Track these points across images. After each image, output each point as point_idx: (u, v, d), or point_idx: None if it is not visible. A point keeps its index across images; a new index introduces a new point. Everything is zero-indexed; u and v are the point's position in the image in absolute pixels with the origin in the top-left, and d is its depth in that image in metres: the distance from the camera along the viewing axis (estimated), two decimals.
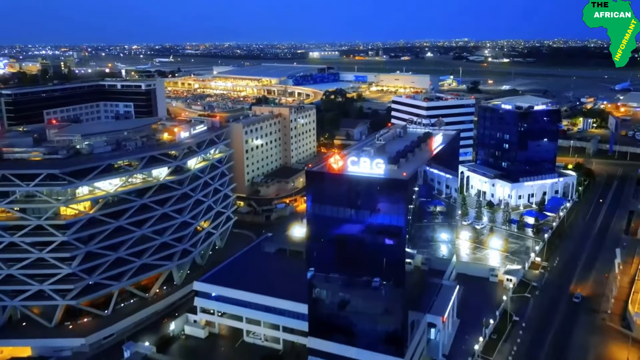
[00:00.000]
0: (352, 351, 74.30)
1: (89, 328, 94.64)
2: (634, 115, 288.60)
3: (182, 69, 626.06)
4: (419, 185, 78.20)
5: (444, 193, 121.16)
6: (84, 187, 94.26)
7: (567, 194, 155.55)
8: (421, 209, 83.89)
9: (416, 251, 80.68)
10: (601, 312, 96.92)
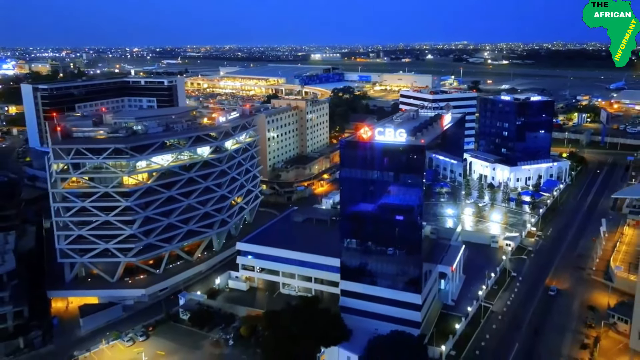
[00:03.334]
0: (376, 290, 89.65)
1: (145, 282, 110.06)
2: (627, 111, 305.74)
3: (190, 70, 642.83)
4: (428, 170, 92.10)
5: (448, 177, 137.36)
6: (143, 161, 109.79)
7: (561, 177, 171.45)
8: (430, 189, 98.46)
9: (426, 223, 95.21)
10: (587, 269, 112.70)
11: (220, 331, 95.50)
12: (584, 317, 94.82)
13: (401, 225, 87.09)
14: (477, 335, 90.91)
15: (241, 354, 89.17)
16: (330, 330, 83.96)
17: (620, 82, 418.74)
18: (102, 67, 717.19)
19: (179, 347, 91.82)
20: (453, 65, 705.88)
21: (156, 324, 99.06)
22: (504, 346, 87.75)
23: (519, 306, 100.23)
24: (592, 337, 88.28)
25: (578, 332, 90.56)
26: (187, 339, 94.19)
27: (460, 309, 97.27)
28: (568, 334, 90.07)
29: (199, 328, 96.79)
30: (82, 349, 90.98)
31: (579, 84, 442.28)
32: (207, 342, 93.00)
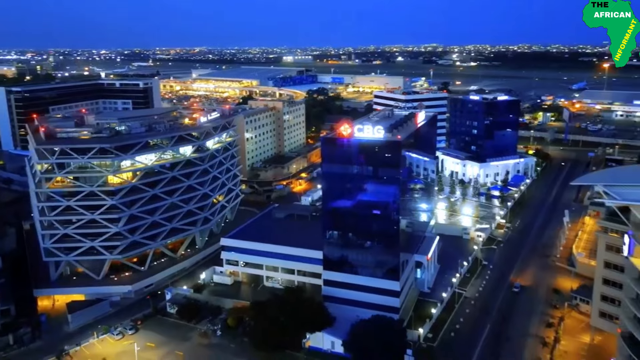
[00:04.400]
0: (358, 278, 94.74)
1: (131, 279, 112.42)
2: (588, 110, 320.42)
3: (161, 72, 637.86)
4: (403, 168, 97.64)
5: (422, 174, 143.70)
6: (127, 160, 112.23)
7: (527, 173, 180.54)
8: (405, 186, 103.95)
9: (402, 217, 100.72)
10: (552, 256, 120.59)
11: (207, 323, 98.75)
12: (550, 299, 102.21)
13: (380, 216, 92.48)
14: (452, 319, 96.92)
15: (229, 343, 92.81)
16: (314, 317, 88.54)
17: (582, 82, 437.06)
18: (71, 69, 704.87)
19: (168, 339, 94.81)
20: (423, 67, 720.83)
21: (144, 318, 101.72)
22: (477, 328, 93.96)
23: (490, 292, 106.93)
24: (557, 317, 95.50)
25: (544, 313, 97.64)
26: (176, 331, 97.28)
27: (435, 296, 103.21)
28: (535, 315, 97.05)
29: (187, 321, 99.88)
30: (72, 344, 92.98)
31: (544, 84, 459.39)
32: (196, 334, 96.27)
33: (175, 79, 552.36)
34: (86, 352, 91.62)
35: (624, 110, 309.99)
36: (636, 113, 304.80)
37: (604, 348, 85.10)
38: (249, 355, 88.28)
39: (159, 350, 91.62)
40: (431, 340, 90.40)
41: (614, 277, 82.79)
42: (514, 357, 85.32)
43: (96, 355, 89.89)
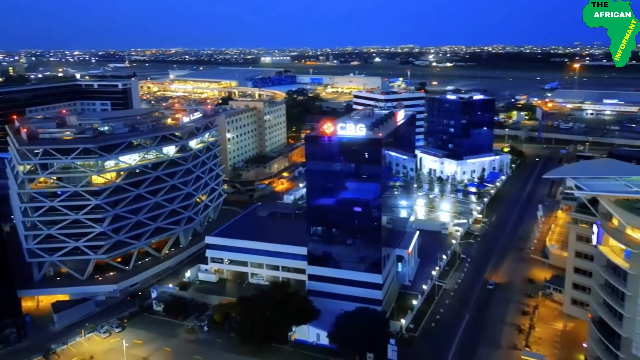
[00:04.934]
0: (341, 272, 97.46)
1: (116, 279, 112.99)
2: (560, 109, 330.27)
3: (138, 74, 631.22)
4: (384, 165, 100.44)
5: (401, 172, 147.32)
6: (111, 160, 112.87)
7: (502, 170, 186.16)
8: (385, 183, 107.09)
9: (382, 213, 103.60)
10: (526, 249, 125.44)
11: (194, 319, 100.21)
12: (525, 289, 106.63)
13: (363, 212, 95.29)
14: (432, 310, 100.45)
15: (216, 338, 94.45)
16: (300, 311, 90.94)
17: (554, 82, 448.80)
18: (44, 70, 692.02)
19: (155, 335, 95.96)
20: (400, 67, 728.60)
21: (130, 316, 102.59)
22: (456, 318, 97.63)
23: (468, 284, 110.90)
24: (532, 305, 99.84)
25: (520, 302, 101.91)
26: (163, 328, 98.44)
27: (416, 288, 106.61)
28: (511, 305, 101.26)
29: (174, 318, 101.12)
30: (58, 343, 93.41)
31: (518, 84, 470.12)
32: (182, 330, 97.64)
33: (152, 80, 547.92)
34: (73, 350, 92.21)
35: (594, 109, 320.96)
36: (605, 111, 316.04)
37: (576, 334, 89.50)
38: (236, 349, 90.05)
39: (147, 346, 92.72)
40: (413, 331, 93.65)
41: (585, 265, 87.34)
42: (491, 344, 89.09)
43: (84, 353, 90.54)
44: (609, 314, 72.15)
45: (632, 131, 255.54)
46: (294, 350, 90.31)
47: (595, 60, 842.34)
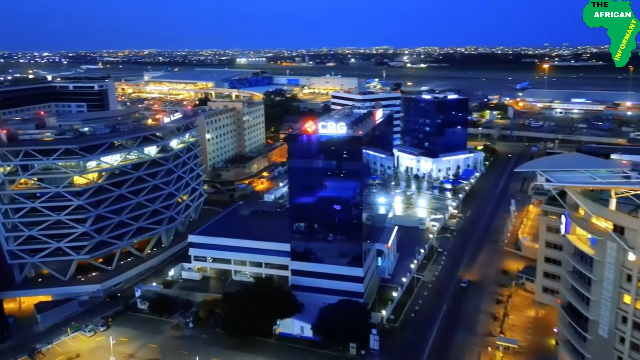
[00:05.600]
0: (324, 267, 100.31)
1: (99, 279, 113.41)
2: (531, 108, 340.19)
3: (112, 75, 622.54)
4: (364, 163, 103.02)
5: (379, 171, 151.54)
6: (93, 161, 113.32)
7: (476, 167, 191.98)
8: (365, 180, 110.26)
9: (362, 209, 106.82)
10: (500, 242, 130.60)
11: (179, 316, 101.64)
12: (499, 280, 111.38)
13: (344, 207, 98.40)
14: (412, 301, 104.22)
15: (201, 334, 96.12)
16: (284, 304, 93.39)
17: (525, 82, 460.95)
18: (14, 72, 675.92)
19: (140, 333, 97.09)
20: (375, 68, 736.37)
21: (115, 315, 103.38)
22: (434, 308, 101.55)
23: (445, 276, 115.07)
24: (506, 295, 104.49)
25: (494, 292, 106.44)
26: (148, 325, 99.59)
27: (396, 281, 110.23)
28: (486, 294, 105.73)
29: (158, 315, 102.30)
30: (43, 343, 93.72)
31: (490, 84, 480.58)
32: (168, 327, 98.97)
33: (126, 81, 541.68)
34: (59, 349, 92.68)
35: (563, 107, 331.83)
36: (573, 110, 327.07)
37: (547, 320, 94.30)
38: (221, 344, 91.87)
39: (132, 344, 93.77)
40: (393, 321, 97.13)
41: (554, 255, 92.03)
42: (468, 332, 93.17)
43: (69, 352, 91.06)
44: (577, 299, 76.67)
45: (598, 129, 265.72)
46: (278, 343, 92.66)
47: (563, 61, 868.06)
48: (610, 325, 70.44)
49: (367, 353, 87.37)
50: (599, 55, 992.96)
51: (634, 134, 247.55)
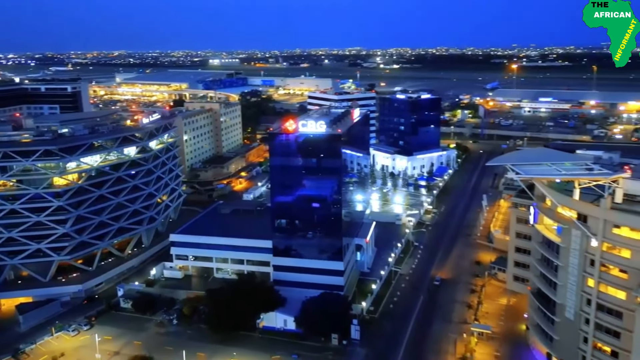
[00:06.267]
0: (305, 262, 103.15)
1: (80, 279, 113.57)
2: (501, 107, 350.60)
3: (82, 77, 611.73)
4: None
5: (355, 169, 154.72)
6: (73, 162, 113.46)
7: (449, 164, 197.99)
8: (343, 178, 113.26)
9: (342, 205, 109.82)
10: (473, 235, 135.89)
11: (163, 314, 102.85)
12: (473, 271, 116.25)
13: (324, 203, 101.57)
14: (390, 293, 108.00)
15: (186, 330, 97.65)
16: (267, 299, 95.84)
17: (495, 82, 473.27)
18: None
19: (124, 331, 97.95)
20: (349, 69, 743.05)
21: (98, 315, 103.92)
22: (412, 299, 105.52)
23: (422, 268, 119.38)
24: (479, 285, 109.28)
25: (469, 282, 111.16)
26: (131, 323, 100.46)
27: (375, 274, 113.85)
28: (461, 285, 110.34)
29: (142, 313, 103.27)
30: (26, 343, 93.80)
31: (461, 84, 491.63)
32: (152, 324, 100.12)
33: (98, 83, 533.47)
34: (42, 349, 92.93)
35: (531, 106, 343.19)
36: (541, 109, 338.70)
37: (518, 307, 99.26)
38: (206, 338, 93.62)
39: (117, 342, 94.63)
40: (373, 312, 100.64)
41: (524, 245, 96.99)
42: (444, 320, 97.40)
43: (54, 352, 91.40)
44: (546, 285, 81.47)
45: (564, 126, 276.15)
46: (262, 336, 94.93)
47: (531, 62, 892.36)
48: (576, 307, 75.24)
49: (348, 343, 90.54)
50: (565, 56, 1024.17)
51: (598, 131, 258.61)
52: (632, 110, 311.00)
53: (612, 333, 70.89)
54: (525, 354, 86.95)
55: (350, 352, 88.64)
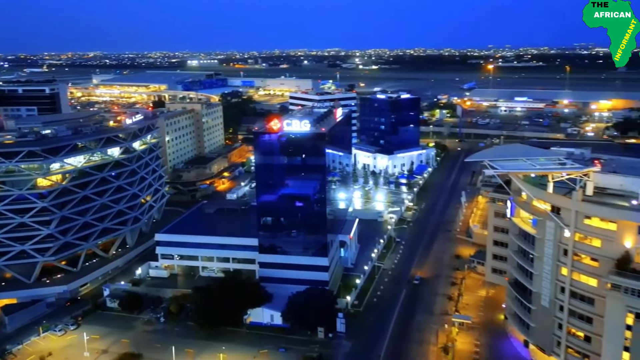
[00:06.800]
0: (291, 258, 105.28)
1: (65, 280, 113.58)
2: (478, 107, 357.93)
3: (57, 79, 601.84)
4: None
5: (337, 168, 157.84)
6: (56, 163, 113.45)
7: (429, 162, 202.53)
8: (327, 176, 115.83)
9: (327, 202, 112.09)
10: (453, 230, 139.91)
11: (150, 312, 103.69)
12: (453, 264, 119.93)
13: (309, 201, 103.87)
14: (374, 287, 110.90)
15: (173, 327, 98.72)
16: (254, 295, 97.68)
17: (472, 82, 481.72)
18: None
19: (112, 330, 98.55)
20: (328, 70, 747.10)
21: (84, 314, 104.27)
22: (395, 293, 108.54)
23: (404, 263, 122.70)
24: (459, 278, 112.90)
25: (449, 276, 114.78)
26: (119, 322, 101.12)
27: (358, 270, 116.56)
28: (442, 278, 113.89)
29: (129, 312, 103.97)
30: (13, 344, 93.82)
31: (439, 85, 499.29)
32: (139, 323, 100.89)
33: (74, 85, 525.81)
34: (30, 349, 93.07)
35: (507, 106, 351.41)
36: (517, 108, 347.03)
37: (496, 298, 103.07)
38: (194, 335, 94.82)
39: (105, 340, 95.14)
40: (357, 306, 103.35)
41: (502, 238, 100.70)
42: (426, 312, 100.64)
43: (41, 351, 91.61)
44: (522, 275, 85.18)
45: (539, 125, 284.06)
46: (249, 331, 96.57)
47: (507, 62, 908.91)
48: (551, 295, 79.02)
49: (334, 336, 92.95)
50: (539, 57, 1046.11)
51: (571, 129, 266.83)
52: (603, 109, 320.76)
53: (585, 319, 74.75)
54: (504, 342, 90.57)
55: (336, 345, 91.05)
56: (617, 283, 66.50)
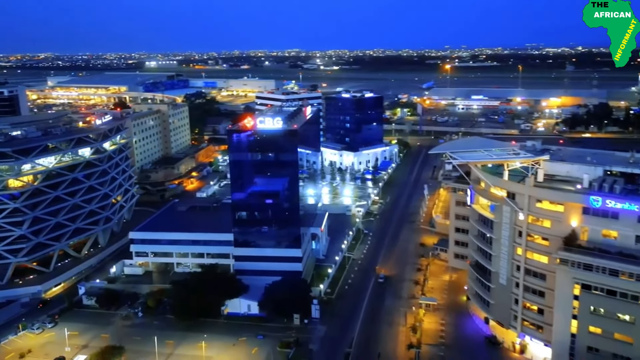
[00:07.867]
0: (266, 251, 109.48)
1: (38, 280, 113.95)
2: (437, 105, 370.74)
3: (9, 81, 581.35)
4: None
5: (305, 166, 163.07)
6: (27, 164, 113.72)
7: (392, 158, 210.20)
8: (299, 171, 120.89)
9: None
10: (417, 221, 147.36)
11: (127, 308, 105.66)
12: (418, 252, 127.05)
13: (283, 195, 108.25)
14: (345, 276, 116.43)
15: (152, 321, 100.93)
16: (230, 286, 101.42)
17: (430, 82, 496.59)
18: None
19: (90, 326, 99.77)
20: (290, 71, 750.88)
21: (61, 313, 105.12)
22: (365, 281, 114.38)
23: (372, 253, 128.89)
24: (425, 264, 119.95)
25: (415, 263, 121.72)
26: (97, 318, 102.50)
27: (330, 260, 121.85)
28: (408, 265, 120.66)
29: (106, 309, 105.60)
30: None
31: (399, 84, 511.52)
32: (117, 318, 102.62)
33: (28, 87, 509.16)
34: (8, 348, 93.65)
35: (464, 104, 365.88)
36: (473, 106, 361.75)
37: (459, 282, 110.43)
38: (172, 327, 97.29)
39: (84, 336, 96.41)
40: (330, 294, 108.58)
41: (463, 225, 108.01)
42: (395, 296, 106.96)
43: (20, 349, 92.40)
44: (482, 257, 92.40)
45: (494, 122, 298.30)
46: (227, 322, 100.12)
47: (463, 62, 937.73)
48: (508, 274, 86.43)
49: (309, 322, 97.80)
50: (493, 57, 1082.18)
51: (524, 125, 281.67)
52: (553, 106, 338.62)
53: (538, 293, 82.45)
54: (467, 321, 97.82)
55: (311, 330, 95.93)
56: (565, 258, 74.12)
